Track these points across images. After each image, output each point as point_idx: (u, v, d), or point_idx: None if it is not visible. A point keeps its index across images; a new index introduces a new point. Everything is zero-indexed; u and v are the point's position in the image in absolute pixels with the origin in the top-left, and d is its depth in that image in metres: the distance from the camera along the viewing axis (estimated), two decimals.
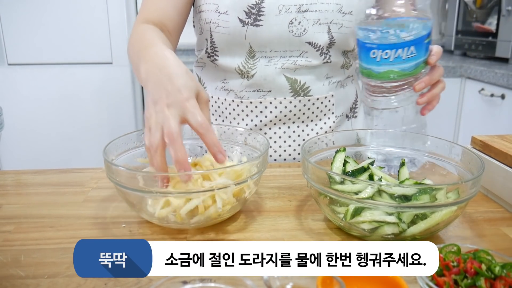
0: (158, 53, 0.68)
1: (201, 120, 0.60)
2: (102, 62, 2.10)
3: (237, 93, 0.93)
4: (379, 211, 0.58)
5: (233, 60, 0.90)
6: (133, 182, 0.61)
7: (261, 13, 0.84)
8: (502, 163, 0.74)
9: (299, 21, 0.85)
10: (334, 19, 0.86)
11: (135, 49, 0.77)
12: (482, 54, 2.51)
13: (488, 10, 2.41)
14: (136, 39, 0.80)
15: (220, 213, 0.63)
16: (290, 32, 0.86)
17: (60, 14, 2.01)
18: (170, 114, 0.59)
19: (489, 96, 2.12)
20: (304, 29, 0.85)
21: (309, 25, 0.86)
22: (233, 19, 0.85)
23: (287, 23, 0.85)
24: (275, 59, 0.89)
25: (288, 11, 0.84)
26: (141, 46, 0.74)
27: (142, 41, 0.77)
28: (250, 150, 0.78)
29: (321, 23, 0.86)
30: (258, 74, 0.89)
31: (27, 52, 2.05)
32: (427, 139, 0.75)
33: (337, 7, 0.85)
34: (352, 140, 0.78)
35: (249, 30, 0.85)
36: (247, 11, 0.84)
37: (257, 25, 0.85)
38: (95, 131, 2.17)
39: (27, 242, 0.62)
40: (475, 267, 0.46)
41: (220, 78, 0.94)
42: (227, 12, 0.85)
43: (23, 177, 0.86)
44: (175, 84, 0.61)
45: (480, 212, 0.72)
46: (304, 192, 0.78)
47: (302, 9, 0.84)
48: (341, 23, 0.87)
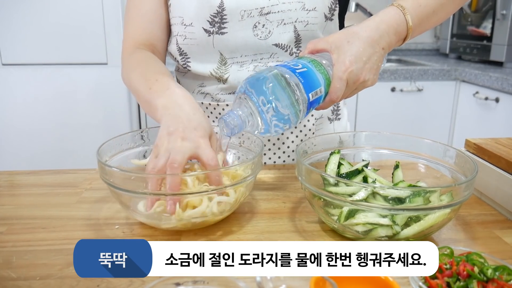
0: (176, 92, 0.70)
1: (212, 158, 0.63)
2: (97, 63, 2.09)
3: (213, 96, 0.93)
4: (373, 213, 0.58)
5: (205, 68, 0.90)
6: (127, 183, 0.61)
7: (224, 21, 0.84)
8: (496, 166, 0.74)
9: (263, 24, 0.84)
10: (299, 18, 0.85)
11: (141, 81, 0.77)
12: (477, 58, 2.52)
13: (483, 14, 2.42)
14: (139, 71, 0.80)
15: (214, 212, 0.63)
16: (256, 36, 0.85)
17: (55, 14, 2.00)
18: (182, 146, 0.63)
19: (484, 100, 2.14)
20: (269, 32, 0.85)
21: (273, 27, 0.85)
22: (198, 30, 0.85)
23: (251, 27, 0.84)
24: (246, 63, 0.88)
25: (250, 15, 0.84)
26: (151, 79, 0.75)
27: (148, 72, 0.78)
28: (245, 151, 0.77)
29: (285, 23, 0.85)
30: (231, 78, 0.89)
31: (21, 53, 2.04)
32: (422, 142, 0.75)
33: (299, 5, 0.84)
34: (343, 142, 0.78)
35: (215, 38, 0.85)
36: (210, 21, 0.84)
37: (222, 33, 0.85)
38: (90, 132, 2.16)
39: (19, 244, 0.61)
40: (467, 269, 0.46)
41: (198, 82, 0.94)
42: (192, 24, 0.85)
43: (16, 178, 0.86)
44: (192, 122, 0.66)
45: (473, 215, 0.72)
46: (298, 194, 0.78)
47: (264, 12, 0.84)
48: (306, 21, 0.86)
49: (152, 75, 0.76)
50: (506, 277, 0.46)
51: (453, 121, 2.40)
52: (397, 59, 2.90)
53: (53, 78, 2.08)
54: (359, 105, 2.33)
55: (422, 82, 2.30)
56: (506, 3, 2.23)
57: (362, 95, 2.29)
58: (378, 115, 2.35)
